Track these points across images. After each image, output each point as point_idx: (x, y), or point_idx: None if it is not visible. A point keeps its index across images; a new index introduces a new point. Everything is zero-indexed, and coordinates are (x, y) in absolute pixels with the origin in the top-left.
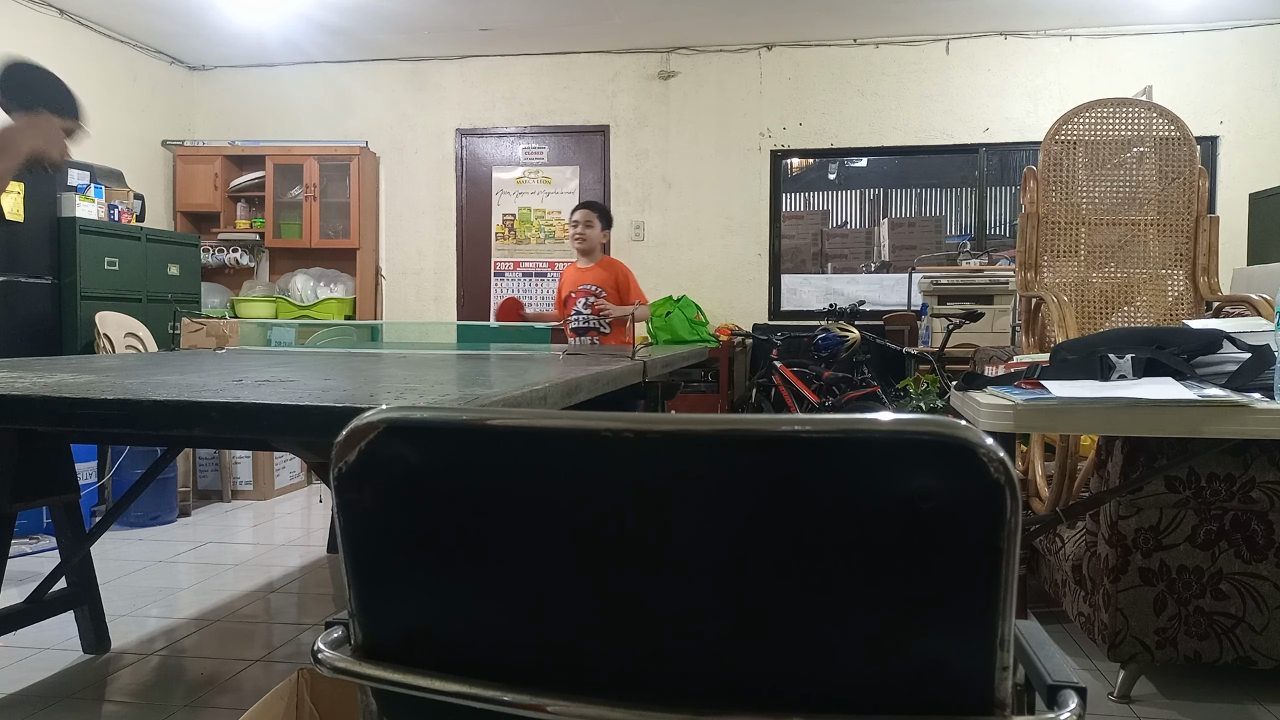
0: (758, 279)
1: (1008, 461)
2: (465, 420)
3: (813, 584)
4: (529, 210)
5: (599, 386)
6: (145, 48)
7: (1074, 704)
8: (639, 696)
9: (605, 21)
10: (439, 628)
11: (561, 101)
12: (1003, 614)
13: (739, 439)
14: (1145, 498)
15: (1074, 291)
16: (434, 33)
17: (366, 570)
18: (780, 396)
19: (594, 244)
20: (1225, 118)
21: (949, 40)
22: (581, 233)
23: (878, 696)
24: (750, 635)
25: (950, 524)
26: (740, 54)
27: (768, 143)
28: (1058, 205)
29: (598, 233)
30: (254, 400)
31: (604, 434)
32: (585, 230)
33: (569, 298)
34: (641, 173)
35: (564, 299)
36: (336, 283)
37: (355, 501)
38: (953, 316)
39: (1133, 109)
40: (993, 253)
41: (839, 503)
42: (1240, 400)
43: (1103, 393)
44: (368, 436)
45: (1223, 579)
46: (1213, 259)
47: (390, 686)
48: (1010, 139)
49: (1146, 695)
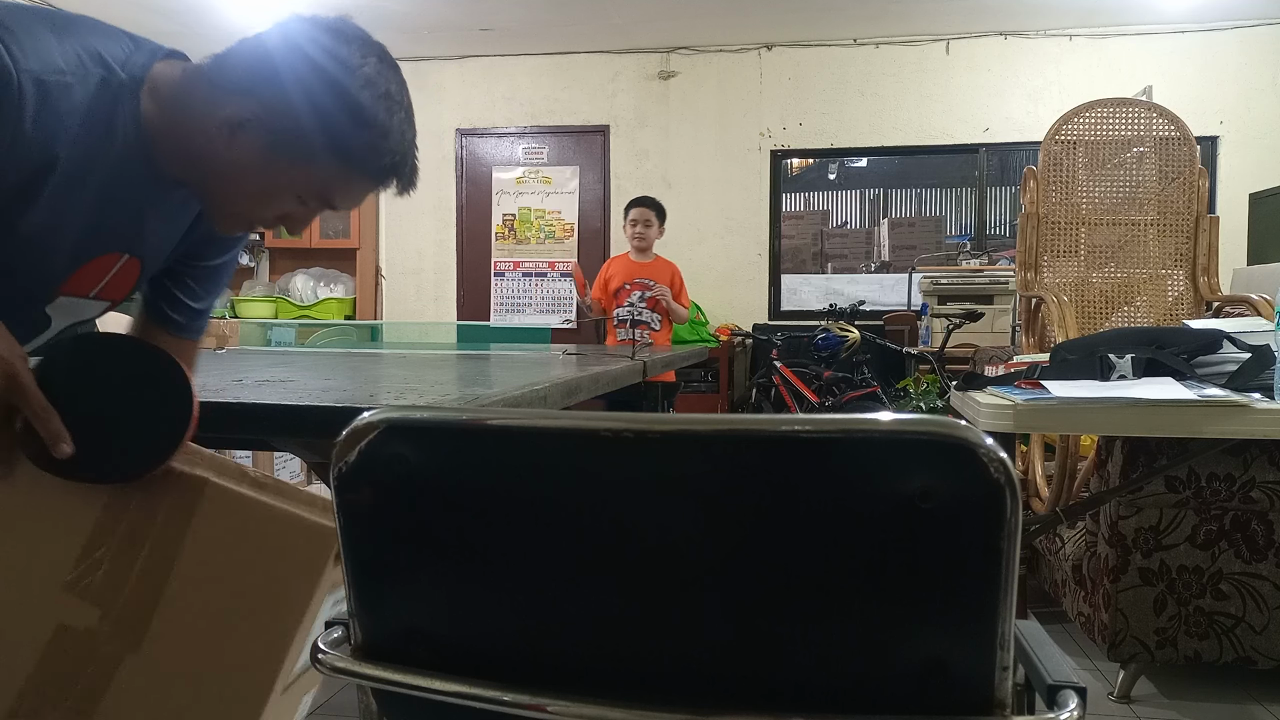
0: (758, 279)
1: (1008, 461)
2: (465, 420)
3: (813, 584)
4: (529, 210)
5: (599, 386)
6: None
7: (1074, 704)
8: (639, 696)
9: (605, 21)
10: (439, 628)
11: (561, 101)
12: (1003, 614)
13: (739, 439)
14: (1145, 498)
15: (1074, 291)
16: (434, 33)
17: (366, 570)
18: (780, 396)
19: (652, 242)
20: (1225, 118)
21: (949, 40)
22: (641, 232)
23: (878, 696)
24: (750, 635)
25: (950, 524)
26: (740, 54)
27: (768, 143)
28: (1058, 205)
29: (655, 231)
30: (254, 400)
31: (604, 434)
32: (645, 230)
33: (621, 289)
34: (641, 173)
35: (614, 290)
36: (336, 283)
37: (355, 501)
38: (953, 316)
39: (1133, 109)
40: (993, 253)
41: (839, 503)
42: (1240, 400)
43: (1103, 393)
44: (367, 436)
45: (1223, 579)
46: (1213, 259)
47: (390, 686)
48: (1010, 139)
49: (1146, 695)
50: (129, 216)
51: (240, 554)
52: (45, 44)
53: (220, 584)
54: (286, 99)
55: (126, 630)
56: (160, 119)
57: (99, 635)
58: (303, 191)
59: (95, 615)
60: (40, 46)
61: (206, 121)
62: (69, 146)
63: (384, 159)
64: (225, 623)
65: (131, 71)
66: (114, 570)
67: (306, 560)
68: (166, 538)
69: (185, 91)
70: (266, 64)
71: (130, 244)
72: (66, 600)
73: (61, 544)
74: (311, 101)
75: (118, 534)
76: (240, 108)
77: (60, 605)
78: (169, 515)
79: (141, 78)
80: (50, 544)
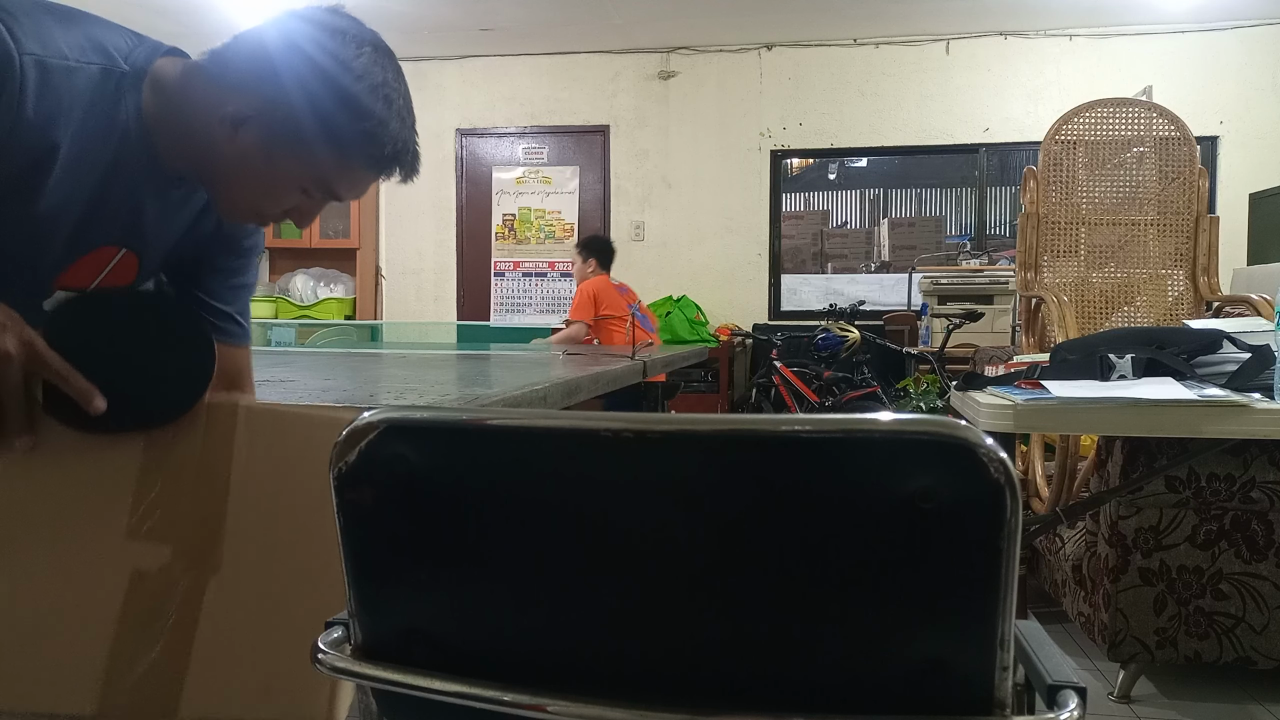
0: (758, 279)
1: (1008, 461)
2: (465, 420)
3: (812, 584)
4: (529, 210)
5: (599, 386)
6: None
7: (1074, 704)
8: (639, 696)
9: (605, 21)
10: (439, 628)
11: (561, 101)
12: (1003, 614)
13: (739, 439)
14: (1145, 498)
15: (1074, 291)
16: (434, 33)
17: (366, 570)
18: (780, 396)
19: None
20: (1225, 118)
21: (949, 40)
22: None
23: (878, 696)
24: (750, 635)
25: (950, 524)
26: (740, 54)
27: (768, 143)
28: (1058, 205)
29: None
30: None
31: (604, 434)
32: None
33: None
34: (641, 173)
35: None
36: (336, 283)
37: (355, 501)
38: (953, 316)
39: (1133, 109)
40: (993, 253)
41: (839, 503)
42: (1240, 400)
43: (1103, 393)
44: (367, 436)
45: (1223, 579)
46: (1213, 259)
47: (390, 686)
48: (1010, 139)
49: (1146, 695)
50: (128, 209)
51: (289, 461)
52: (48, 30)
53: (276, 494)
54: (285, 94)
55: (202, 558)
56: (161, 113)
57: (175, 570)
58: (306, 184)
59: (167, 553)
60: (43, 32)
61: (208, 117)
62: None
63: (384, 148)
64: (290, 531)
65: (134, 63)
66: (173, 507)
67: None
68: (213, 464)
69: (186, 87)
70: (264, 59)
71: (128, 237)
72: (135, 547)
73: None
74: (309, 95)
75: (166, 473)
76: (241, 104)
77: (130, 553)
78: (210, 443)
79: (144, 70)
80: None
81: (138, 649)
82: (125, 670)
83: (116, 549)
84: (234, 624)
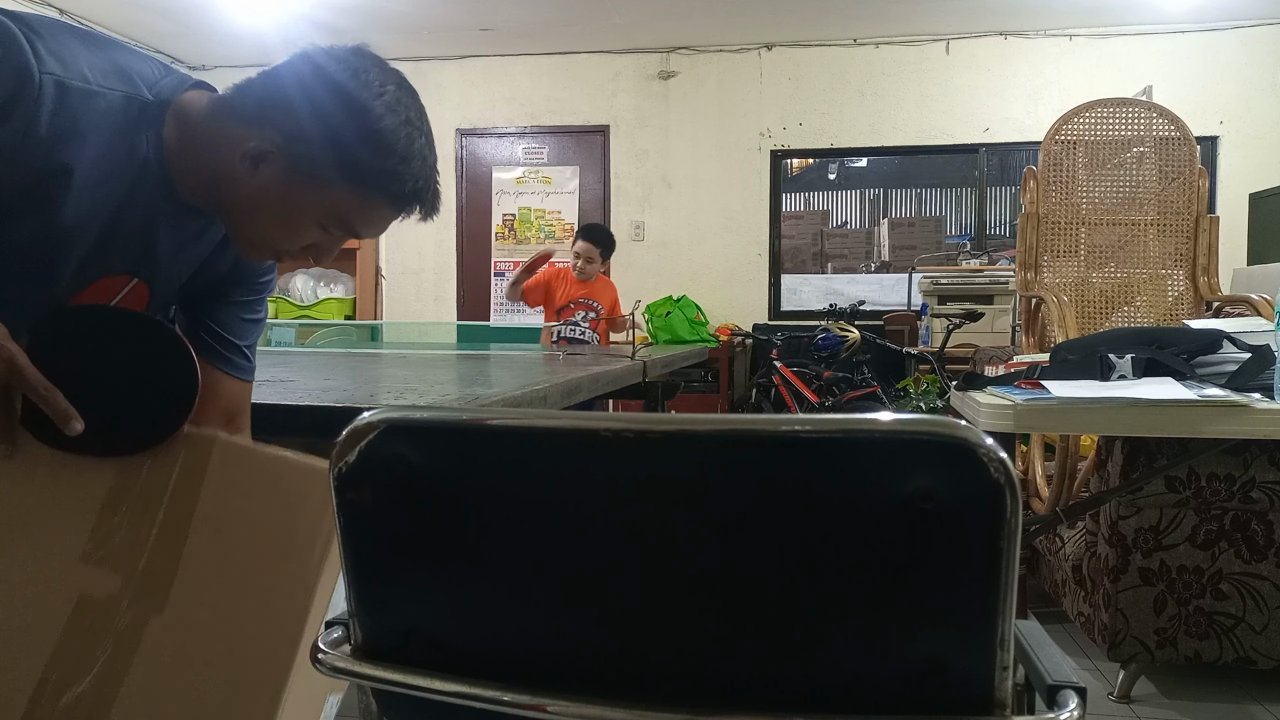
0: (758, 279)
1: (1008, 461)
2: (465, 420)
3: (813, 584)
4: (529, 210)
5: (599, 386)
6: (145, 48)
7: (1074, 704)
8: (639, 696)
9: (605, 21)
10: (439, 628)
11: (561, 101)
12: (1003, 614)
13: (739, 439)
14: (1145, 498)
15: (1074, 291)
16: (434, 33)
17: (366, 570)
18: (780, 396)
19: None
20: (1225, 118)
21: (949, 40)
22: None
23: (878, 696)
24: (750, 635)
25: (950, 524)
26: (740, 54)
27: (768, 143)
28: (1058, 205)
29: (597, 267)
30: (254, 400)
31: (604, 434)
32: (587, 266)
33: (566, 307)
34: (641, 173)
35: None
36: (336, 282)
37: (355, 501)
38: (953, 316)
39: (1133, 109)
40: (993, 253)
41: (839, 502)
42: (1240, 400)
43: (1103, 393)
44: (367, 436)
45: (1223, 579)
46: (1213, 259)
47: (390, 686)
48: (1010, 139)
49: (1146, 695)
50: (142, 238)
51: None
52: (73, 52)
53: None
54: (308, 131)
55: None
56: (182, 145)
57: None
58: (326, 220)
59: (116, 582)
60: (67, 53)
61: (229, 152)
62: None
63: (406, 185)
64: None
65: (159, 93)
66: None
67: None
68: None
69: (209, 121)
70: (286, 97)
71: (140, 267)
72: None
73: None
74: (332, 132)
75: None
76: (263, 140)
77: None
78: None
79: (168, 101)
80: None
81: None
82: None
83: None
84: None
